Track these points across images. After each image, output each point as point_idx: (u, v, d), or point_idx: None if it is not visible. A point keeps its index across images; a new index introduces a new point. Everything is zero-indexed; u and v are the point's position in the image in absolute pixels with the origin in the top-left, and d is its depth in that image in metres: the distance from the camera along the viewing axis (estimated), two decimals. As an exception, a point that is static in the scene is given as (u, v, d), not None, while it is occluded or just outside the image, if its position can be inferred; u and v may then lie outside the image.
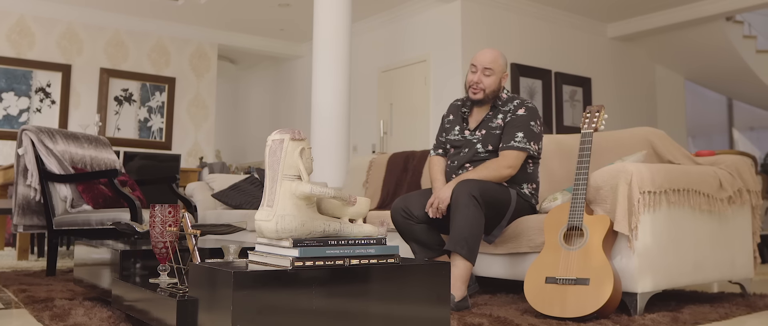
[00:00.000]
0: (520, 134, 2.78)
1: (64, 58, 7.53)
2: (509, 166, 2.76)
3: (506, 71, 2.89)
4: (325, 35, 5.64)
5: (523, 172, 2.84)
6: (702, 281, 2.71)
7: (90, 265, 2.62)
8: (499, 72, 2.86)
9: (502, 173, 2.75)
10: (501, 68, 2.86)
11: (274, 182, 1.74)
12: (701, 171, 2.75)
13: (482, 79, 2.84)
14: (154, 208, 2.12)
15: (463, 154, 2.91)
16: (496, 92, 2.87)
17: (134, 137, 7.91)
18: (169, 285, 2.00)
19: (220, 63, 9.22)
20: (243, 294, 1.55)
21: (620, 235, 2.46)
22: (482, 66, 2.84)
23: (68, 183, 3.78)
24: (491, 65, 2.84)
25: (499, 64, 2.86)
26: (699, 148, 10.52)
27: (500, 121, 2.85)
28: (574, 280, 2.33)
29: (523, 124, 2.80)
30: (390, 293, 1.76)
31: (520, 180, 2.85)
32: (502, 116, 2.86)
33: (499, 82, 2.86)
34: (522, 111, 2.82)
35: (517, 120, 2.81)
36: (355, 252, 1.75)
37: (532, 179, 2.89)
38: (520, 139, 2.77)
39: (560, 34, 7.72)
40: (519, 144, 2.77)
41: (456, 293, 2.48)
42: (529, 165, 2.86)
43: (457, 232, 2.55)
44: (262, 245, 1.80)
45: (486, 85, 2.84)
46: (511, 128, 2.80)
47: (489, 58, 2.85)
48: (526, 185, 2.87)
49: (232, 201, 4.58)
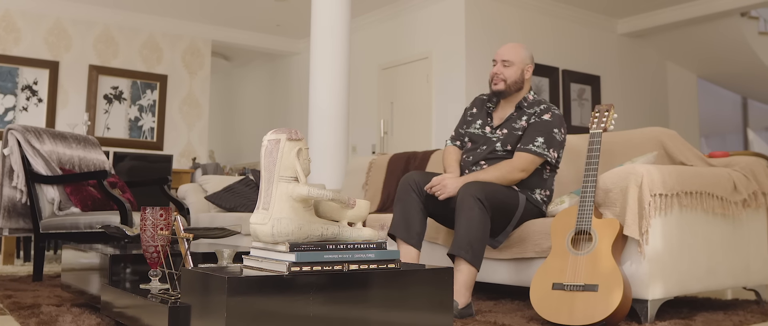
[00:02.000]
0: (541, 139, 2.79)
1: (51, 54, 7.54)
2: (523, 170, 2.76)
3: (530, 63, 2.93)
4: (323, 31, 5.64)
5: (538, 178, 2.85)
6: (715, 287, 2.71)
7: (78, 270, 2.62)
8: (521, 63, 2.90)
9: (515, 176, 2.75)
10: (522, 59, 2.90)
11: (270, 184, 1.74)
12: (715, 173, 2.75)
13: (502, 70, 2.89)
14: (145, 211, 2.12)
15: (480, 150, 2.92)
16: (518, 84, 2.90)
17: (124, 137, 7.91)
18: (160, 291, 2.00)
19: (214, 60, 9.23)
20: (237, 301, 1.55)
21: (630, 240, 2.46)
22: (501, 58, 2.91)
23: (56, 184, 3.78)
24: (510, 56, 2.89)
25: (520, 55, 2.90)
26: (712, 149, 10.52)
27: (524, 122, 2.87)
28: (582, 286, 2.33)
29: (546, 129, 2.81)
30: (390, 299, 1.76)
31: (534, 185, 2.86)
32: (526, 118, 2.88)
33: (521, 74, 2.90)
34: (547, 116, 2.84)
35: (540, 124, 2.82)
36: (354, 257, 1.75)
37: (547, 186, 2.90)
38: (539, 144, 2.78)
39: (568, 30, 7.73)
40: (537, 149, 2.78)
41: (459, 300, 2.48)
42: (546, 171, 2.87)
43: (461, 236, 2.54)
44: (257, 249, 1.80)
45: (506, 75, 2.88)
46: (533, 131, 2.81)
47: (508, 49, 2.91)
48: (538, 191, 2.87)
49: (226, 204, 4.58)
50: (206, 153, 8.58)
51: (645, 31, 8.12)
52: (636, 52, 8.45)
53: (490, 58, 7.04)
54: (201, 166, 7.88)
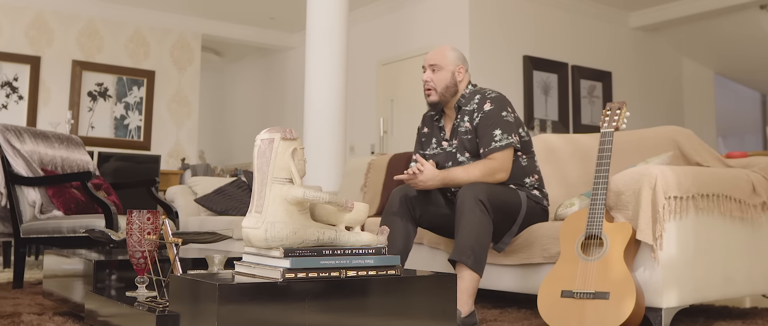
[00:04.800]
0: (498, 131, 2.75)
1: (32, 49, 7.54)
2: (503, 170, 2.74)
3: (461, 64, 2.89)
4: (319, 24, 5.65)
5: (517, 167, 2.83)
6: (733, 295, 2.71)
7: (61, 277, 2.62)
8: (450, 66, 2.86)
9: (496, 177, 2.73)
10: (451, 62, 2.87)
11: (263, 186, 1.74)
12: (732, 174, 2.75)
13: (431, 77, 2.87)
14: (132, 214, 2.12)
15: (448, 167, 2.88)
16: (451, 89, 2.87)
17: (110, 136, 7.92)
18: (147, 299, 2.00)
19: (204, 55, 9.22)
20: (229, 309, 1.55)
21: (643, 245, 2.46)
22: (428, 63, 2.88)
23: (37, 186, 3.78)
24: (436, 60, 2.86)
25: (447, 57, 2.87)
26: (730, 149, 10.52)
27: (468, 124, 2.84)
28: (592, 294, 2.33)
29: (495, 119, 2.78)
30: (390, 308, 1.76)
31: (519, 175, 2.83)
32: (468, 118, 2.84)
33: (452, 77, 2.87)
34: (488, 105, 2.80)
35: (486, 117, 2.79)
36: (352, 263, 1.76)
37: (531, 171, 2.88)
38: (499, 137, 2.75)
39: (578, 24, 7.74)
40: (500, 142, 2.74)
41: (462, 308, 2.48)
42: (522, 158, 2.85)
43: (463, 241, 2.54)
44: (249, 255, 1.80)
45: (436, 82, 2.86)
46: (485, 128, 2.78)
47: (434, 53, 2.89)
48: (527, 179, 2.86)
49: (217, 207, 4.58)
50: (196, 153, 8.58)
51: (659, 24, 8.13)
52: (649, 47, 8.45)
53: (495, 53, 7.05)
54: (190, 167, 7.88)
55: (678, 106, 8.72)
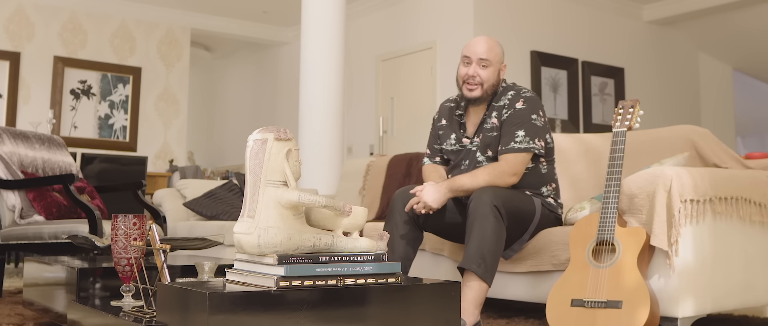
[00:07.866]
0: (521, 132, 2.74)
1: (11, 44, 7.54)
2: (513, 174, 2.71)
3: (504, 62, 2.87)
4: (315, 18, 5.65)
5: (536, 174, 2.83)
6: (753, 304, 2.71)
7: (42, 285, 2.62)
8: (498, 63, 2.83)
9: (505, 181, 2.71)
10: (499, 58, 2.84)
11: (256, 189, 1.74)
12: (752, 176, 2.75)
13: (478, 71, 2.79)
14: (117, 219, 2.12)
15: (464, 166, 2.86)
16: (495, 87, 2.84)
17: (93, 136, 7.92)
18: (133, 309, 2.00)
19: (193, 50, 9.23)
20: (220, 319, 1.55)
21: (658, 251, 2.46)
22: (477, 57, 2.79)
23: (17, 189, 3.78)
24: (487, 55, 2.79)
25: (497, 54, 2.83)
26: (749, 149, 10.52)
27: (495, 120, 2.82)
28: (604, 303, 2.33)
29: (523, 119, 2.76)
30: (390, 318, 1.76)
31: (537, 183, 2.84)
32: (496, 114, 2.82)
33: (497, 75, 2.84)
34: (520, 103, 2.79)
35: (515, 115, 2.77)
36: (349, 271, 1.76)
37: (549, 180, 2.88)
38: (520, 139, 2.73)
39: (589, 17, 7.74)
40: (520, 144, 2.72)
41: (467, 318, 2.48)
42: (543, 164, 2.85)
43: (474, 248, 2.53)
44: (242, 262, 1.80)
45: (484, 78, 2.79)
46: (510, 126, 2.76)
47: (484, 47, 2.81)
48: (544, 188, 2.86)
49: (208, 211, 4.58)
50: (185, 154, 8.58)
51: (674, 18, 8.12)
52: (664, 42, 8.46)
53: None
54: (179, 169, 7.88)
55: (694, 104, 8.72)
